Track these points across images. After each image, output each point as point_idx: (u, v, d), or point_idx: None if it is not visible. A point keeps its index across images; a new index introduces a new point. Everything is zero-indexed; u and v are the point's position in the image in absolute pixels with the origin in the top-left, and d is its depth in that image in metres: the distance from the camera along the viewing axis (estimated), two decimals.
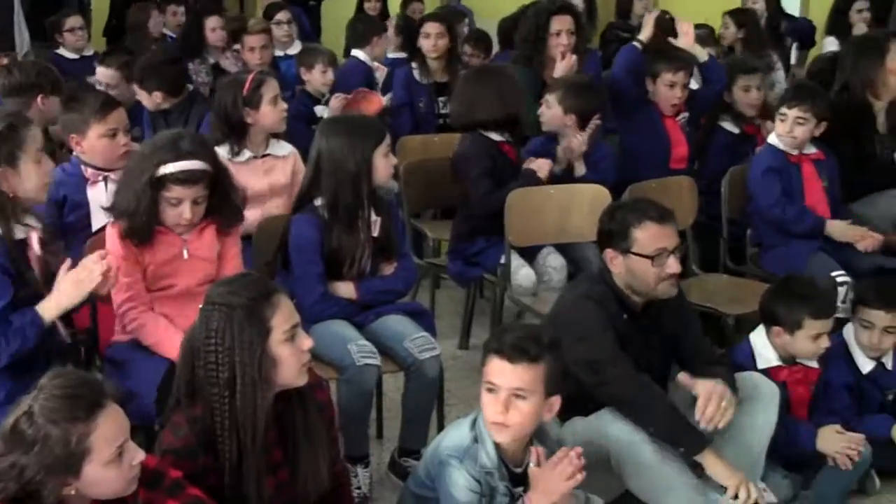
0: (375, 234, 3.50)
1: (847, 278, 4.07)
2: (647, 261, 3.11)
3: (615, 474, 3.06)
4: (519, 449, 2.69)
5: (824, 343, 3.43)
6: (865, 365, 3.63)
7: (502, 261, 4.27)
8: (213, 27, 6.61)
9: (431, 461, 2.74)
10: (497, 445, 2.65)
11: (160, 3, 7.74)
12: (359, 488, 3.32)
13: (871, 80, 4.55)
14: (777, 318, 3.46)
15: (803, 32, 8.10)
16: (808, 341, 3.42)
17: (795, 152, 4.34)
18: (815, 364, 3.52)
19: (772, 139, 4.41)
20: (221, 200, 3.22)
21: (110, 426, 2.13)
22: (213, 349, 2.41)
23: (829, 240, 4.28)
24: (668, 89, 4.86)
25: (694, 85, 5.14)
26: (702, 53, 5.10)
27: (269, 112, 4.06)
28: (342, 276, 3.51)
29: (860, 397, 3.61)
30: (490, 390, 2.61)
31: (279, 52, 6.73)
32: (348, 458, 3.27)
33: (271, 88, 4.07)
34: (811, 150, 4.38)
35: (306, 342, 2.51)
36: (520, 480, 2.68)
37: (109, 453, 2.12)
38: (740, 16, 6.98)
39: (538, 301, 4.22)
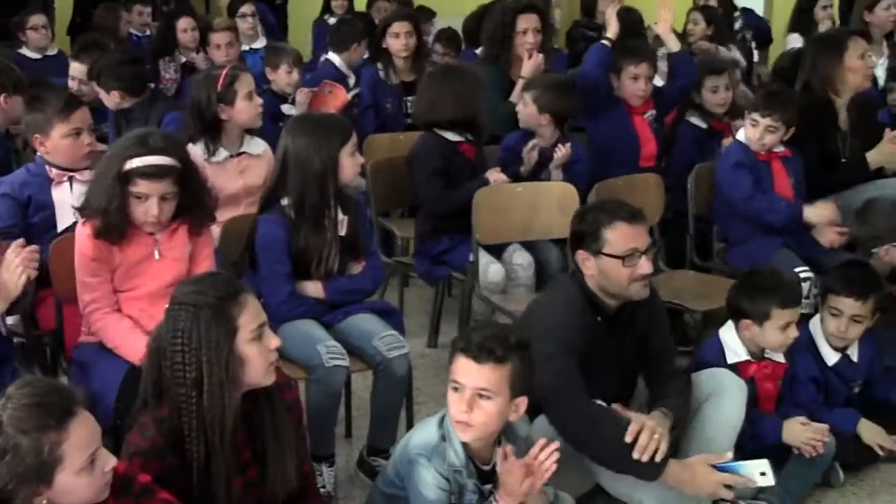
0: (343, 233, 3.50)
1: (811, 274, 4.11)
2: (619, 261, 3.08)
3: (585, 470, 3.07)
4: (487, 447, 2.69)
5: (792, 333, 3.46)
6: (831, 357, 3.68)
7: (471, 258, 4.28)
8: (185, 28, 6.66)
9: (400, 460, 2.74)
10: (465, 443, 2.65)
11: (126, 2, 7.70)
12: (323, 487, 3.31)
13: (830, 78, 4.57)
14: (745, 312, 3.49)
15: (758, 30, 8.14)
16: (777, 332, 3.45)
17: (764, 151, 4.38)
18: (782, 358, 3.56)
19: (740, 136, 4.44)
20: (192, 200, 3.20)
21: (82, 434, 2.10)
22: (179, 349, 2.40)
23: (793, 236, 4.32)
24: (632, 82, 4.88)
25: (659, 82, 5.17)
26: (674, 43, 5.12)
27: (245, 108, 4.05)
28: (310, 276, 3.50)
29: (826, 390, 3.65)
30: (455, 389, 2.61)
31: (244, 47, 6.73)
32: (313, 456, 3.25)
33: (246, 84, 4.06)
34: (779, 148, 4.40)
35: (273, 341, 2.50)
36: (488, 478, 2.69)
37: (82, 461, 2.09)
38: (708, 12, 7.03)
39: (507, 299, 4.23)
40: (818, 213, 4.30)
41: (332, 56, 6.14)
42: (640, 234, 3.14)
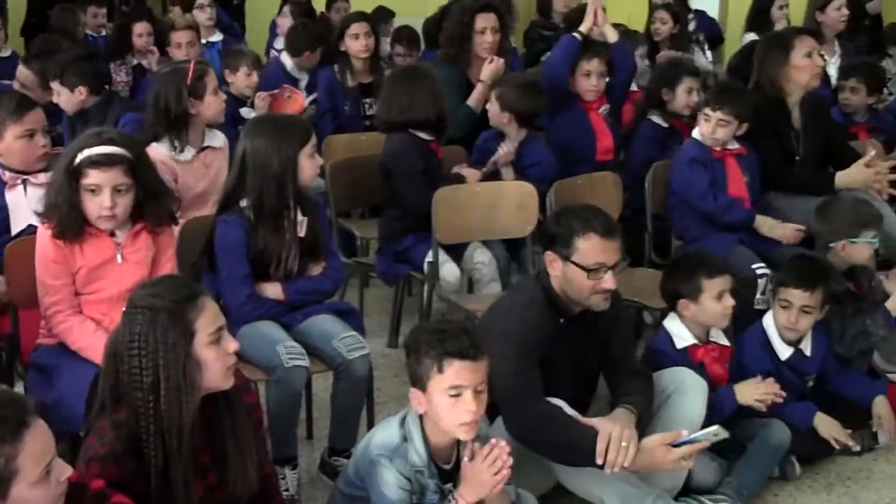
0: (302, 234, 3.49)
1: (767, 271, 4.15)
2: (584, 273, 3.08)
3: (546, 468, 3.09)
4: (448, 446, 2.71)
5: (729, 301, 3.54)
6: (784, 352, 3.73)
7: (429, 258, 4.28)
8: (140, 33, 6.62)
9: (362, 460, 2.74)
10: (426, 443, 2.66)
11: (80, 3, 7.63)
12: (287, 490, 3.30)
13: (777, 77, 4.59)
14: (679, 292, 3.58)
15: (710, 31, 8.19)
16: (714, 302, 3.53)
17: (719, 148, 4.42)
18: (726, 341, 3.64)
19: (695, 134, 4.47)
20: (147, 194, 3.17)
21: (37, 445, 2.05)
22: (136, 353, 2.37)
23: (749, 233, 4.37)
24: (585, 79, 4.91)
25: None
26: (612, 35, 5.09)
27: (213, 102, 4.05)
28: (269, 277, 3.49)
29: (780, 384, 3.68)
30: (457, 395, 2.59)
31: (202, 40, 6.71)
32: (276, 460, 3.25)
33: (213, 79, 4.07)
34: (733, 145, 4.45)
35: (231, 345, 2.49)
36: (448, 477, 2.70)
37: (38, 473, 2.04)
38: (673, 10, 7.06)
39: (472, 298, 4.24)
40: (770, 228, 4.35)
41: (284, 58, 6.10)
42: (610, 250, 3.11)
